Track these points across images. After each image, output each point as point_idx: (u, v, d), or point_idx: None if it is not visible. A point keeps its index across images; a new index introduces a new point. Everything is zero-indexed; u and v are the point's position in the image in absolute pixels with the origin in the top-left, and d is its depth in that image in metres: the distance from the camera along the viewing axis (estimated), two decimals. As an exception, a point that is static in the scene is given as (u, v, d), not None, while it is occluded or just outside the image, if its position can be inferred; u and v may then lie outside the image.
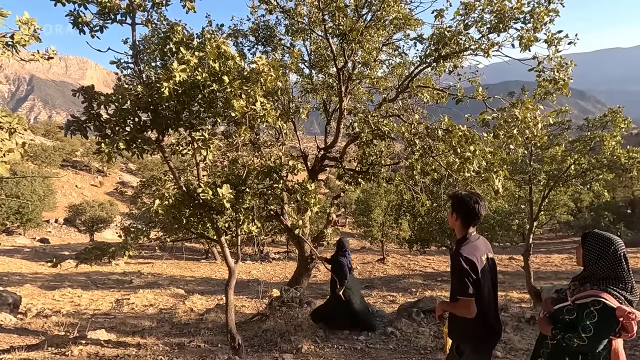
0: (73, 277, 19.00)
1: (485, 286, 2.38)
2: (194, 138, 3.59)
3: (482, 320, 2.37)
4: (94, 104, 3.93)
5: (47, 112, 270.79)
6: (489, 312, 2.42)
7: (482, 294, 2.34)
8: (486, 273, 2.40)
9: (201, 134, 3.58)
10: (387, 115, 5.80)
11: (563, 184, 9.93)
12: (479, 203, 2.47)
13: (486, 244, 2.57)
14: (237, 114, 3.33)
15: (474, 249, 2.41)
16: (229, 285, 4.83)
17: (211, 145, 3.64)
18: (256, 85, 3.33)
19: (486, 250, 2.51)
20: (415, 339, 5.19)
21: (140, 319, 9.09)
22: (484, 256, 2.44)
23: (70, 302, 12.68)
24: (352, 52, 5.82)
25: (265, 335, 5.87)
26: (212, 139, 3.57)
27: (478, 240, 2.52)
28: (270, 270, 24.85)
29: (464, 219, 2.50)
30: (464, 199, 2.48)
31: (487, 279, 2.41)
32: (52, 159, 50.94)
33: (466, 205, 2.47)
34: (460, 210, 2.50)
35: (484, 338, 2.45)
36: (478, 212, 2.47)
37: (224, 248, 4.70)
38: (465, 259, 2.33)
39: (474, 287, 2.30)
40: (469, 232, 2.51)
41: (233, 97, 3.26)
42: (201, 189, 4.11)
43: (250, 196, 4.16)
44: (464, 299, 2.32)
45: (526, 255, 10.33)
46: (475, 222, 2.50)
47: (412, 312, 5.92)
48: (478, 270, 2.33)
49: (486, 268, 2.41)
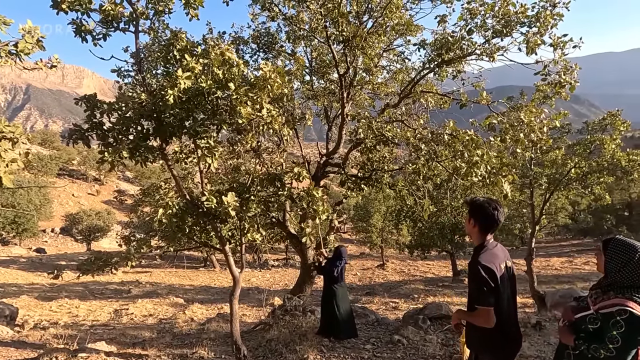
0: (70, 288, 18.76)
1: (505, 295, 2.32)
2: (198, 145, 3.53)
3: (501, 330, 2.29)
4: (97, 112, 3.88)
5: (43, 121, 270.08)
6: (508, 320, 2.35)
7: (501, 303, 2.28)
8: (505, 281, 2.33)
9: (206, 141, 3.53)
10: (390, 120, 5.79)
11: (564, 187, 9.93)
12: (498, 209, 2.40)
13: (504, 252, 2.50)
14: (243, 121, 3.28)
15: (493, 257, 2.35)
16: (234, 294, 4.76)
17: (216, 153, 3.59)
18: (263, 92, 3.29)
19: (505, 257, 2.44)
20: (423, 347, 5.11)
21: (140, 330, 8.95)
22: (503, 264, 2.37)
23: (68, 313, 12.49)
24: (354, 58, 5.82)
25: (269, 345, 5.77)
26: (217, 146, 3.52)
27: (496, 247, 2.45)
28: (270, 278, 24.67)
29: (483, 226, 2.43)
30: (483, 205, 2.41)
31: (506, 287, 2.34)
32: (48, 168, 50.66)
33: (485, 211, 2.40)
34: (479, 216, 2.43)
35: (503, 347, 2.37)
36: (497, 218, 2.39)
37: (228, 257, 4.63)
38: (484, 268, 2.26)
39: (493, 296, 2.24)
40: (487, 239, 2.45)
41: (239, 104, 3.21)
42: (205, 197, 4.05)
43: (255, 204, 4.10)
44: (484, 308, 2.25)
45: (529, 259, 10.29)
46: (494, 229, 2.44)
47: (419, 319, 5.84)
48: (497, 278, 2.26)
49: (505, 276, 2.34)
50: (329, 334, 5.71)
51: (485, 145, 4.45)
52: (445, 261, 28.47)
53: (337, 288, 5.78)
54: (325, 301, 5.85)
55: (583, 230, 34.17)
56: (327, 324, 5.82)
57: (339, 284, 5.80)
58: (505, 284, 2.34)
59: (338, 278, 5.80)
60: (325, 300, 5.88)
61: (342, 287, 5.85)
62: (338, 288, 5.79)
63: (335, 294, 5.75)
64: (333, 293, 5.75)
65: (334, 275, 5.75)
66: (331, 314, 5.74)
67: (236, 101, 3.20)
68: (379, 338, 5.65)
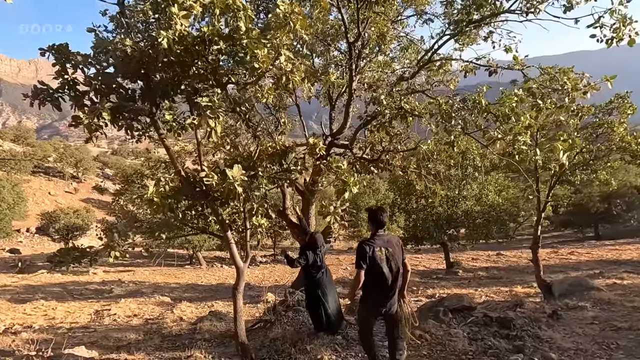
0: (46, 289, 17.61)
1: (377, 267, 3.50)
2: (199, 105, 2.86)
3: (371, 288, 3.59)
4: (68, 67, 3.14)
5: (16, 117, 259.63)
6: (379, 284, 3.56)
7: (372, 270, 3.49)
8: (378, 259, 3.50)
9: (209, 99, 2.85)
10: (409, 92, 5.20)
11: (571, 173, 9.61)
12: (383, 215, 3.66)
13: (389, 242, 3.63)
14: (260, 66, 2.62)
15: (371, 242, 3.57)
16: (237, 288, 4.10)
17: (220, 114, 2.91)
18: (282, 32, 2.63)
19: (385, 245, 3.59)
20: (450, 342, 4.58)
21: (125, 332, 8.16)
22: (378, 248, 3.54)
23: (44, 316, 11.53)
24: (367, 22, 5.18)
25: (274, 345, 5.13)
26: (222, 105, 2.84)
27: (380, 238, 3.62)
28: (259, 274, 23.94)
29: (374, 225, 3.68)
30: (376, 212, 3.67)
31: (381, 262, 3.52)
32: (22, 165, 48.30)
33: (375, 216, 3.65)
34: (372, 219, 3.68)
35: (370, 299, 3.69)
36: (383, 220, 3.65)
37: (231, 244, 3.96)
38: (360, 246, 3.56)
39: (363, 264, 3.48)
40: (377, 232, 3.64)
41: (254, 46, 2.55)
42: (205, 173, 3.37)
43: (265, 180, 3.45)
44: (355, 270, 3.57)
45: (534, 248, 9.93)
46: (382, 227, 3.67)
47: (439, 312, 5.31)
48: (367, 255, 3.48)
49: (378, 256, 3.51)
50: (324, 329, 5.15)
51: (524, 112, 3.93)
52: (433, 254, 28.32)
53: (321, 277, 5.20)
54: (311, 295, 5.30)
55: (564, 221, 34.60)
56: (318, 319, 5.24)
57: (321, 273, 5.22)
58: (378, 261, 3.49)
59: (319, 267, 5.22)
60: (310, 294, 5.32)
61: (325, 275, 5.28)
62: (322, 277, 5.21)
63: (320, 284, 5.19)
64: (317, 284, 5.19)
65: (316, 264, 5.17)
66: (319, 307, 5.16)
67: (250, 43, 2.54)
68: (408, 337, 5.08)
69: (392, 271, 3.54)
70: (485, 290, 13.15)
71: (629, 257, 19.68)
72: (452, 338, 4.68)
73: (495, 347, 4.32)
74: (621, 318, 6.45)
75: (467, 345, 4.47)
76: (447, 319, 5.19)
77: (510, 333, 4.76)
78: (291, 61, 2.79)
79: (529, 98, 3.81)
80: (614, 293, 9.30)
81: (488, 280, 16.41)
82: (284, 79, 2.81)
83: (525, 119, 3.66)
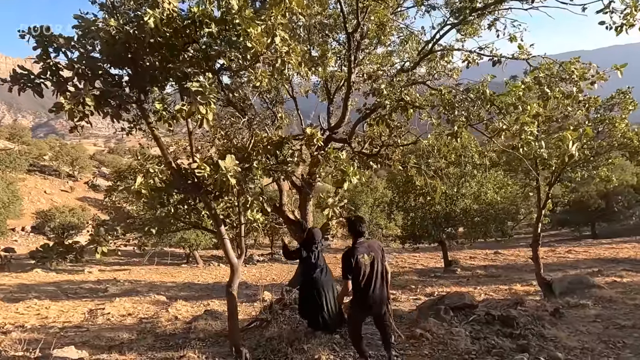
0: (40, 288, 17.39)
1: (363, 274, 3.70)
2: (190, 90, 2.68)
3: (359, 296, 3.78)
4: (50, 51, 2.96)
5: (12, 116, 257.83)
6: (366, 292, 3.75)
7: (359, 280, 3.70)
8: (363, 266, 3.69)
9: (200, 84, 2.68)
10: (409, 83, 5.03)
11: (572, 169, 9.48)
12: (362, 225, 3.80)
13: (370, 248, 3.81)
14: (254, 45, 2.45)
15: (354, 251, 3.72)
16: (232, 286, 3.93)
17: (212, 100, 2.74)
18: (277, 9, 2.46)
19: (367, 251, 3.75)
20: (452, 341, 4.42)
21: (118, 331, 7.98)
22: (361, 255, 3.70)
23: (37, 315, 11.33)
24: (366, 11, 5.00)
25: (270, 345, 4.97)
26: (213, 90, 2.67)
27: (362, 245, 3.78)
28: (256, 273, 23.79)
29: (354, 235, 3.80)
30: (355, 222, 3.79)
31: (366, 269, 3.72)
32: (17, 164, 47.84)
33: (355, 226, 3.77)
34: (352, 229, 3.80)
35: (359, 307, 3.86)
36: (361, 230, 3.79)
37: (225, 240, 3.79)
38: (346, 256, 3.73)
39: (350, 274, 3.69)
40: (358, 240, 3.78)
41: (247, 25, 2.38)
42: (196, 165, 3.20)
43: (260, 171, 3.28)
44: (343, 280, 3.76)
45: (535, 245, 9.80)
46: (362, 235, 3.81)
47: (439, 310, 5.16)
48: (352, 264, 3.67)
49: (362, 263, 3.69)
50: (321, 329, 4.97)
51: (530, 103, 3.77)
52: (431, 253, 28.21)
53: (318, 276, 4.99)
54: (306, 293, 5.08)
55: (561, 220, 34.59)
56: (313, 318, 5.06)
57: (318, 271, 5.01)
58: (363, 268, 3.68)
59: (316, 264, 5.00)
60: (305, 291, 5.10)
61: (323, 274, 5.06)
62: (319, 275, 4.99)
63: (316, 283, 4.96)
64: (313, 282, 4.97)
65: (312, 261, 4.97)
66: (315, 306, 4.95)
67: (243, 21, 2.36)
68: (397, 332, 4.92)
69: (377, 272, 3.77)
70: (485, 289, 13.04)
71: (627, 255, 19.67)
72: (454, 337, 4.53)
73: (499, 346, 4.17)
74: (624, 316, 6.33)
75: (470, 344, 4.32)
76: (448, 318, 5.04)
77: (513, 332, 4.62)
78: (287, 43, 2.62)
79: (536, 86, 3.65)
80: (614, 291, 9.20)
81: (487, 279, 16.31)
82: (279, 62, 2.63)
83: (532, 107, 3.50)
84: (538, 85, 3.72)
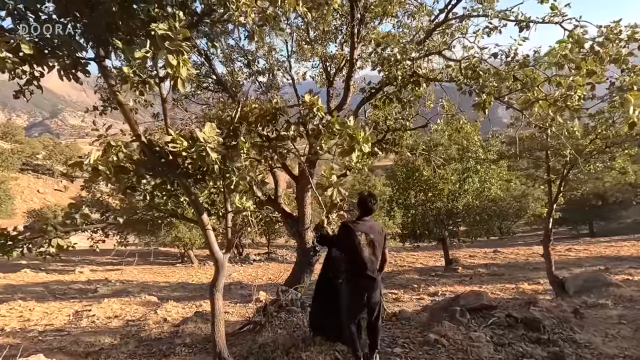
0: (27, 288, 16.71)
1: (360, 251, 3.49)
2: (155, 34, 2.08)
3: (355, 271, 3.57)
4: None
5: (5, 115, 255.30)
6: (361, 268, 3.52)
7: (355, 255, 3.52)
8: (359, 244, 3.49)
9: (168, 25, 2.08)
10: (422, 55, 4.43)
11: (586, 161, 8.95)
12: (373, 202, 3.61)
13: (371, 228, 3.57)
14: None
15: (354, 224, 3.53)
16: (216, 286, 3.33)
17: (185, 49, 2.15)
18: None
19: (367, 231, 3.54)
20: (472, 348, 3.84)
21: (100, 335, 7.35)
22: (359, 232, 3.50)
23: (19, 317, 10.68)
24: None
25: (263, 352, 4.37)
26: (187, 33, 2.08)
27: (364, 223, 3.56)
28: (252, 273, 23.14)
29: (362, 212, 3.60)
30: (366, 199, 3.60)
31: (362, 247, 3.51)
32: (10, 163, 47.02)
33: (365, 202, 3.58)
34: (361, 206, 3.62)
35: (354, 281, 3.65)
36: (372, 207, 3.61)
37: (208, 231, 3.18)
38: (344, 224, 3.58)
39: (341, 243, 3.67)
40: (363, 217, 3.58)
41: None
42: (170, 138, 2.60)
43: (247, 145, 2.67)
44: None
45: (546, 242, 9.28)
46: (370, 213, 3.64)
47: (455, 312, 4.58)
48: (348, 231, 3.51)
49: (359, 240, 3.49)
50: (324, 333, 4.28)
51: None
52: (430, 251, 27.67)
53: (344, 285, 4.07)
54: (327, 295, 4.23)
55: (558, 219, 34.25)
56: (319, 321, 4.34)
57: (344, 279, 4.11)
58: (360, 246, 3.48)
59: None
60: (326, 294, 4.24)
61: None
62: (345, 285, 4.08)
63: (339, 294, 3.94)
64: (334, 291, 4.06)
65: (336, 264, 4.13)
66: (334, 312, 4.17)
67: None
68: (408, 338, 4.34)
69: (373, 257, 3.55)
70: (490, 288, 12.51)
71: (629, 253, 19.31)
72: (474, 343, 3.95)
73: (528, 354, 3.60)
74: (650, 317, 5.79)
75: (493, 351, 3.74)
76: (465, 320, 4.46)
77: (540, 336, 4.05)
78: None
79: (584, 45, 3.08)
80: (631, 289, 8.67)
81: (490, 277, 15.78)
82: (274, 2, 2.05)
83: (588, 63, 2.91)
84: (579, 46, 3.15)
